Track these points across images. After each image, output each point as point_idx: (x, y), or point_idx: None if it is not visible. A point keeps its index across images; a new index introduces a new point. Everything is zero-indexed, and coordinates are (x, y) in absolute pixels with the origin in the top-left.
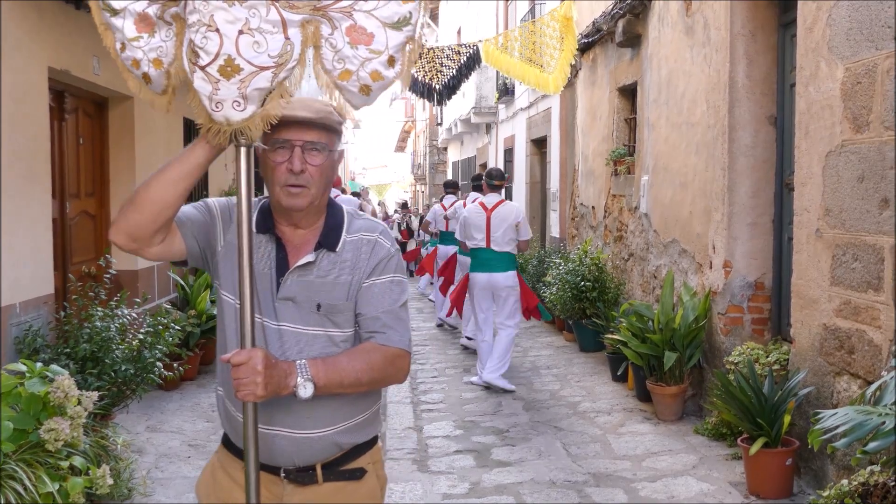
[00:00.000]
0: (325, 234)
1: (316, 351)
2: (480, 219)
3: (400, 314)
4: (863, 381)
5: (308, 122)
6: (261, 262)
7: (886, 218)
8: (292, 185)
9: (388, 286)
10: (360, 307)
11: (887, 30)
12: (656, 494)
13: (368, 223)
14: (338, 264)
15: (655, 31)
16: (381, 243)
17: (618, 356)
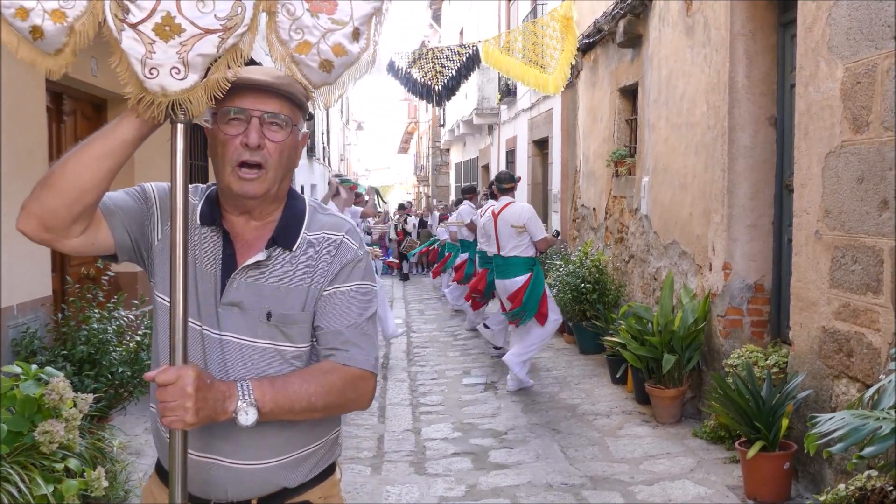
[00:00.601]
0: (281, 229)
1: (263, 368)
2: (489, 225)
3: (366, 329)
4: (861, 385)
5: (268, 88)
6: (204, 260)
7: (886, 220)
8: (247, 165)
9: (354, 296)
10: (320, 319)
11: (887, 29)
12: (653, 498)
13: (333, 220)
14: (294, 266)
15: (656, 32)
16: (347, 244)
17: (617, 358)
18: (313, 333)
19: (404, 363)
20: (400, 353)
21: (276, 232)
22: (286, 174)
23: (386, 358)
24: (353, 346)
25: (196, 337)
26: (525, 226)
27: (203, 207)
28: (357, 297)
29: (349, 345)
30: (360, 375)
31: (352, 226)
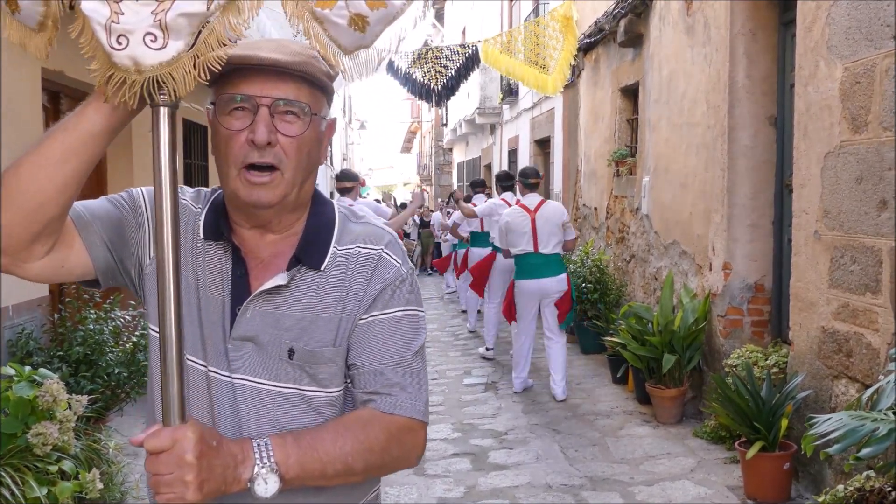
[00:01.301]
0: (306, 244)
1: (285, 420)
2: (524, 222)
3: (413, 366)
4: (861, 385)
5: (281, 68)
6: (210, 284)
7: (885, 220)
8: (255, 168)
9: (397, 325)
10: (355, 355)
11: (886, 29)
12: (653, 498)
13: (370, 230)
14: (323, 290)
15: (657, 31)
16: (387, 260)
17: (618, 358)
18: (347, 374)
19: None
20: None
21: (300, 248)
22: (308, 175)
23: None
24: (397, 390)
25: (201, 381)
26: (565, 224)
27: (207, 218)
28: (401, 327)
29: (393, 388)
30: (406, 426)
31: (393, 237)
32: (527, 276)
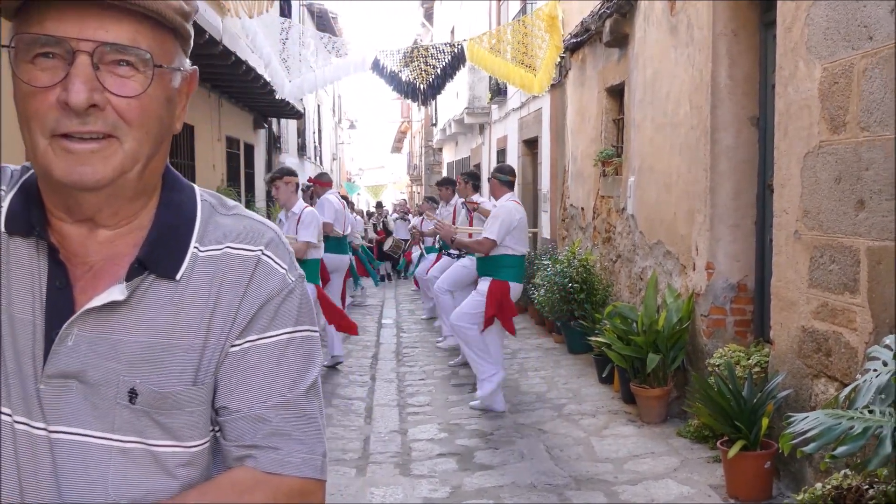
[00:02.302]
0: (154, 245)
1: (126, 488)
2: (525, 221)
3: (306, 407)
4: (840, 384)
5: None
6: (15, 298)
7: (862, 220)
8: (74, 137)
9: (284, 352)
10: (226, 396)
11: (863, 29)
12: (636, 498)
13: (246, 225)
14: (179, 308)
15: (641, 31)
16: (269, 265)
17: (604, 358)
18: (215, 420)
19: (393, 364)
20: (389, 353)
21: (146, 249)
22: (158, 147)
23: (375, 358)
24: (285, 441)
25: (5, 435)
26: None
27: (13, 204)
28: (288, 355)
29: (279, 438)
30: (300, 489)
31: (276, 234)
32: (520, 277)
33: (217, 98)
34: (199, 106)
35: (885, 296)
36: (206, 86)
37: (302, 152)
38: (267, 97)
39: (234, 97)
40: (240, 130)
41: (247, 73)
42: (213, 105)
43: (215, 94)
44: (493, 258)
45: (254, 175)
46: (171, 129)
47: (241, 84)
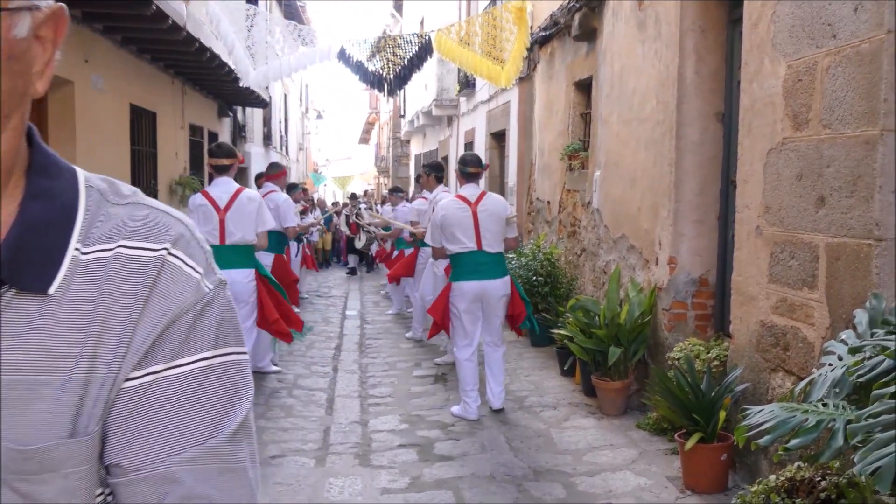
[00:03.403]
0: (17, 248)
1: None
2: (465, 216)
3: (231, 458)
4: (796, 378)
5: None
6: None
7: (822, 216)
8: None
9: (201, 386)
10: (121, 449)
11: (827, 28)
12: (594, 489)
13: (147, 216)
14: (53, 331)
15: (609, 26)
16: (178, 268)
17: (566, 351)
18: (104, 482)
19: (356, 355)
20: (352, 344)
21: (4, 255)
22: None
23: (338, 349)
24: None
25: None
26: (510, 219)
27: None
28: (207, 388)
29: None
30: None
31: (186, 227)
32: (467, 276)
33: (181, 85)
34: (162, 92)
35: (843, 292)
36: (170, 72)
37: (268, 142)
38: (232, 85)
39: (197, 84)
40: (204, 118)
41: (211, 60)
42: (177, 92)
43: (178, 80)
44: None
45: None
46: (24, 92)
47: (205, 71)
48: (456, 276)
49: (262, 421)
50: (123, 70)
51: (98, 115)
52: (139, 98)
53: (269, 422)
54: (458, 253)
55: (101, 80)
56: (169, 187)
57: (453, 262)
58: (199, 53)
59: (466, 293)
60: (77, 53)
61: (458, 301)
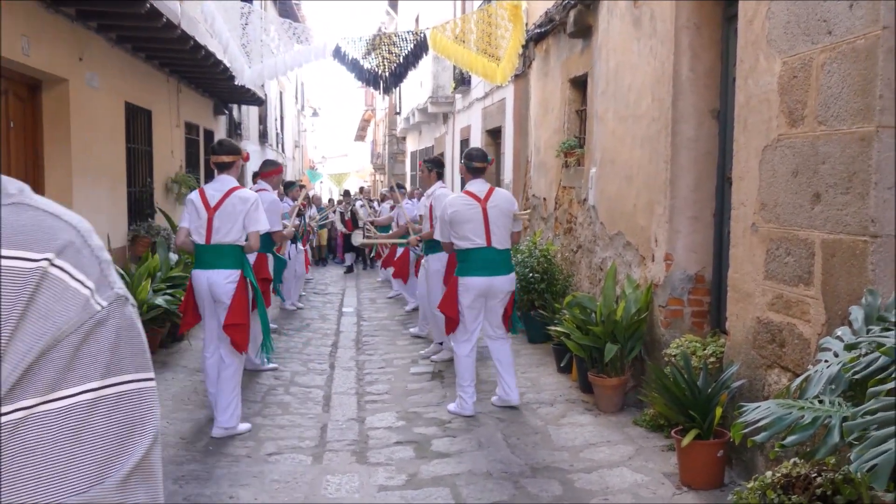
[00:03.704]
0: None
1: None
2: (475, 213)
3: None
4: (792, 374)
5: None
6: None
7: (818, 213)
8: None
9: (86, 421)
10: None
11: (822, 24)
12: (591, 485)
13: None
14: None
15: (605, 23)
16: (60, 282)
17: (563, 348)
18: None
19: (353, 352)
20: (349, 341)
21: None
22: None
23: (334, 347)
24: None
25: None
26: (516, 214)
27: None
28: (93, 425)
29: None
30: None
31: (78, 233)
32: (475, 272)
33: (176, 83)
34: (157, 90)
35: (838, 288)
36: (165, 70)
37: (263, 139)
38: (227, 83)
39: (193, 82)
40: (199, 116)
41: (206, 58)
42: (172, 90)
43: (174, 78)
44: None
45: None
46: None
47: (200, 69)
48: (463, 272)
49: (259, 418)
50: (118, 68)
51: (93, 114)
52: (134, 96)
53: (266, 419)
54: (467, 249)
55: (95, 78)
56: (165, 185)
57: (461, 257)
58: (194, 52)
59: (472, 289)
60: (71, 52)
61: (462, 296)
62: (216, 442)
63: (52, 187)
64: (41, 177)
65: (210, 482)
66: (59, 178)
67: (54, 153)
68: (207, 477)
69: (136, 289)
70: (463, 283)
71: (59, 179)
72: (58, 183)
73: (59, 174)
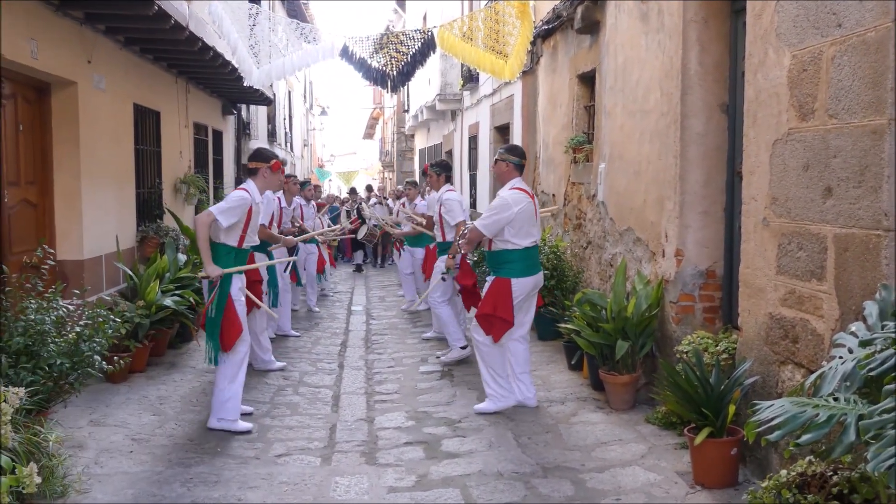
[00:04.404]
0: None
1: None
2: (531, 209)
3: None
4: (806, 371)
5: None
6: None
7: (829, 207)
8: None
9: None
10: None
11: (832, 17)
12: (603, 485)
13: None
14: None
15: (612, 18)
16: None
17: (573, 345)
18: None
19: (361, 351)
20: (358, 340)
21: None
22: None
23: (343, 346)
24: None
25: None
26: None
27: None
28: None
29: None
30: None
31: None
32: (529, 272)
33: (184, 84)
34: (166, 91)
35: (852, 283)
36: (173, 71)
37: (272, 139)
38: (235, 83)
39: (201, 83)
40: (208, 117)
41: (214, 59)
42: (180, 91)
43: (182, 80)
44: (495, 254)
45: (222, 162)
46: None
47: (208, 70)
48: (515, 272)
49: (268, 419)
50: (126, 70)
51: (101, 115)
52: (142, 97)
53: (275, 420)
54: (524, 248)
55: (103, 80)
56: (174, 186)
57: (510, 256)
58: (202, 53)
59: (525, 288)
60: (80, 54)
61: (516, 298)
62: (224, 443)
63: (61, 189)
64: (50, 178)
65: (218, 485)
66: (68, 180)
67: (63, 155)
68: (216, 479)
69: (145, 290)
70: (517, 283)
71: (68, 181)
72: (66, 185)
73: (67, 176)
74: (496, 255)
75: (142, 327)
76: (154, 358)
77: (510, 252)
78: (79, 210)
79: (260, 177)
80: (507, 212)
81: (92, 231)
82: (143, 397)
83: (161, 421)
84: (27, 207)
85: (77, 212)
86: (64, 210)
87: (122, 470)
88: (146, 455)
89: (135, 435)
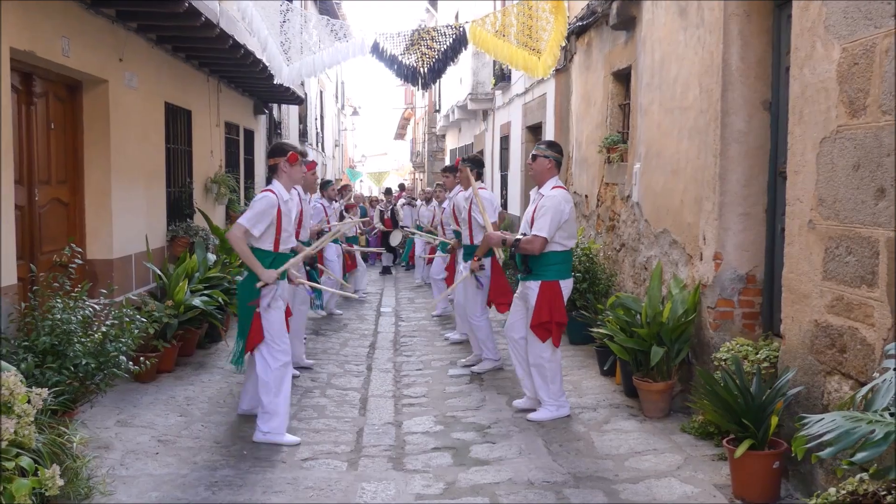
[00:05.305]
0: None
1: None
2: (573, 211)
3: None
4: (855, 382)
5: None
6: None
7: (882, 209)
8: None
9: None
10: None
11: (887, 6)
12: (638, 497)
13: None
14: None
15: (649, 13)
16: None
17: (606, 350)
18: None
19: (390, 353)
20: (387, 342)
21: None
22: None
23: (372, 348)
24: None
25: None
26: None
27: None
28: None
29: None
30: None
31: None
32: (568, 273)
33: (216, 83)
34: (197, 90)
35: None
36: (204, 70)
37: (303, 139)
38: (266, 82)
39: (233, 82)
40: (239, 116)
41: (245, 57)
42: (212, 90)
43: (213, 78)
44: (540, 256)
45: (253, 161)
46: None
47: (240, 69)
48: (562, 274)
49: (294, 422)
50: (158, 68)
51: (132, 114)
52: (174, 96)
53: (302, 423)
54: (570, 249)
55: (135, 78)
56: (204, 185)
57: (561, 258)
58: (233, 51)
59: (569, 289)
60: (111, 52)
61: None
62: (251, 446)
63: (92, 187)
64: (81, 177)
65: (244, 489)
66: (99, 179)
67: (94, 154)
68: (241, 483)
69: (174, 289)
70: (564, 285)
71: (99, 180)
72: (97, 183)
73: (98, 174)
74: (542, 257)
75: (170, 327)
76: (182, 358)
77: (557, 254)
78: (109, 209)
79: (280, 172)
80: (563, 212)
81: (122, 230)
82: (171, 398)
83: (187, 422)
84: (58, 206)
85: (107, 211)
86: (94, 209)
87: (148, 472)
88: (172, 457)
89: (161, 436)
